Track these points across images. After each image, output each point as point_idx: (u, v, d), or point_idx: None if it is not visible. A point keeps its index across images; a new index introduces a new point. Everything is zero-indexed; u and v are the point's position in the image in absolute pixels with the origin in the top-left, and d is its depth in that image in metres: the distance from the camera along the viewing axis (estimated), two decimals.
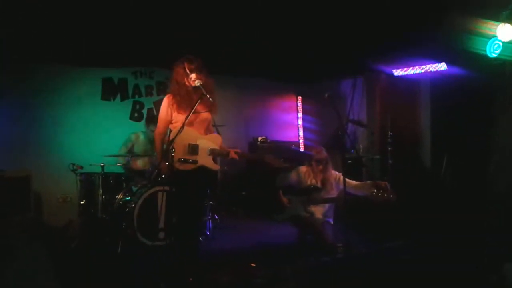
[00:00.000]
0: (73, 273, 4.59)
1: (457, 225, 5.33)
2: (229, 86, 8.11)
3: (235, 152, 4.27)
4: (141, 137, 6.47)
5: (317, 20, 5.61)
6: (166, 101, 4.16)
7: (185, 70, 4.07)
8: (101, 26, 5.48)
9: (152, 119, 6.66)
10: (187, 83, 4.08)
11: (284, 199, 5.28)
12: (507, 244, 4.45)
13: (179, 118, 4.09)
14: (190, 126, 4.05)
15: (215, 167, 4.27)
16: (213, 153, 4.19)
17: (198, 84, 3.97)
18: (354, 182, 5.08)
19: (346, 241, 4.68)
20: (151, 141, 6.32)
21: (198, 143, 4.10)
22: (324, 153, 5.34)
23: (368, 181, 5.06)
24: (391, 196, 4.72)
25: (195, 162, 4.04)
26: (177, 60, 4.16)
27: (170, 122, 4.16)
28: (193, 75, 4.05)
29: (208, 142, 4.18)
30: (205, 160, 4.13)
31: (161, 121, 4.19)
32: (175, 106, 4.12)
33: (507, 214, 4.87)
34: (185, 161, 3.97)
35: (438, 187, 6.44)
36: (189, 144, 4.03)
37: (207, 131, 4.29)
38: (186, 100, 4.06)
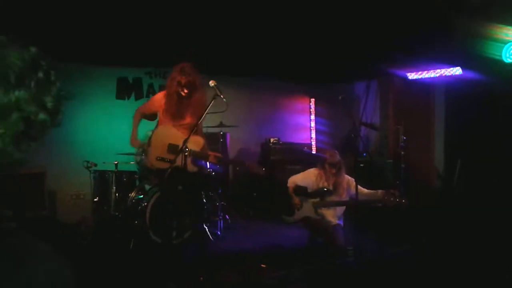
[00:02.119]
0: (85, 269, 4.64)
1: (469, 229, 5.30)
2: (242, 87, 8.14)
3: (215, 157, 4.30)
4: None
5: (332, 22, 5.60)
6: (160, 97, 4.37)
7: (184, 71, 4.19)
8: (118, 26, 5.53)
9: None
10: (179, 91, 4.21)
11: (297, 200, 5.27)
12: None
13: (164, 119, 4.29)
14: (178, 127, 4.15)
15: (192, 168, 4.21)
16: (193, 154, 4.17)
17: (212, 85, 4.00)
18: (365, 190, 5.05)
19: (356, 245, 4.67)
20: None
21: (178, 143, 4.08)
22: (337, 157, 5.31)
23: (380, 191, 5.02)
24: (403, 201, 4.70)
25: (172, 161, 4.00)
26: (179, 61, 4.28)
27: (150, 114, 4.47)
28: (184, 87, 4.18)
29: (189, 143, 4.11)
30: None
31: (146, 106, 4.53)
32: (163, 107, 4.28)
33: None
34: (162, 159, 3.99)
35: (450, 192, 6.40)
36: (170, 144, 4.06)
37: (194, 134, 4.28)
38: (173, 107, 4.21)
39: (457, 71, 6.66)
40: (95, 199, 5.89)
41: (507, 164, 5.68)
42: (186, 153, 3.82)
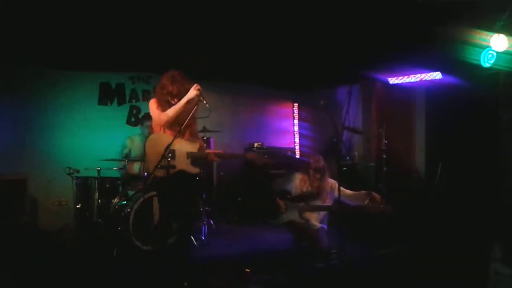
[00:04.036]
0: (67, 277, 4.59)
1: (450, 231, 5.39)
2: (226, 92, 8.16)
3: (215, 154, 4.30)
4: (137, 140, 6.44)
5: (314, 27, 5.65)
6: (154, 106, 4.16)
7: (175, 80, 4.15)
8: (99, 31, 5.50)
9: (146, 117, 6.63)
10: (169, 100, 4.15)
11: (281, 204, 5.30)
12: None
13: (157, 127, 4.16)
14: (170, 130, 4.08)
15: (194, 170, 4.20)
16: (191, 156, 4.16)
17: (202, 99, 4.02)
18: (348, 191, 5.10)
19: (340, 247, 4.70)
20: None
21: (175, 148, 4.04)
22: (322, 162, 5.36)
23: (363, 191, 5.07)
24: (387, 208, 4.75)
25: (172, 167, 3.98)
26: (170, 67, 4.26)
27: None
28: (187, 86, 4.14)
29: (186, 146, 4.14)
30: (183, 164, 4.09)
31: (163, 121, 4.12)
32: (160, 110, 4.14)
33: None
34: (162, 167, 3.88)
35: (432, 194, 6.48)
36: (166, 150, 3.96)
37: (188, 135, 4.25)
38: (169, 107, 4.11)
39: (436, 75, 6.77)
40: (77, 206, 5.83)
41: (486, 166, 5.78)
42: (169, 158, 3.80)
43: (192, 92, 4.03)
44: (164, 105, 4.15)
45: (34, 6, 4.73)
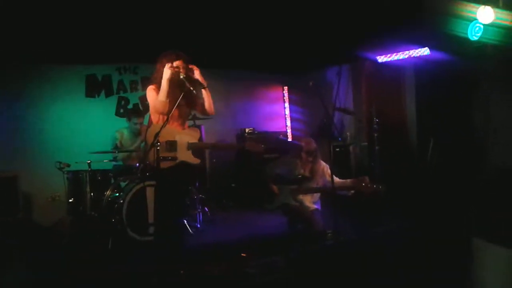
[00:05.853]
0: (64, 271, 4.58)
1: (445, 208, 5.40)
2: (215, 78, 8.04)
3: (215, 145, 4.28)
4: (125, 133, 6.43)
5: (301, 8, 5.60)
6: (152, 92, 4.04)
7: (173, 64, 4.04)
8: (83, 23, 5.43)
9: (133, 112, 6.62)
10: (173, 76, 4.05)
11: (275, 187, 5.31)
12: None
13: (157, 116, 4.07)
14: (169, 121, 3.99)
15: (195, 161, 4.18)
16: (192, 147, 4.14)
17: (182, 76, 3.94)
18: (337, 178, 5.07)
19: (335, 228, 4.71)
20: (135, 134, 6.34)
21: (176, 139, 4.04)
22: (314, 144, 5.36)
23: (349, 180, 5.05)
24: (380, 187, 4.76)
25: (174, 159, 3.97)
26: (162, 52, 4.14)
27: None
28: (181, 70, 4.03)
29: (186, 136, 4.13)
30: (184, 155, 4.08)
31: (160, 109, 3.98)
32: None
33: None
34: (164, 158, 3.85)
35: (424, 171, 6.50)
36: (167, 141, 3.95)
37: (187, 126, 4.25)
38: (170, 93, 4.01)
39: (424, 51, 6.74)
40: (70, 200, 5.81)
41: (475, 139, 5.79)
42: (158, 147, 3.75)
43: (167, 71, 3.89)
44: (170, 83, 3.96)
45: (14, 1, 4.66)
